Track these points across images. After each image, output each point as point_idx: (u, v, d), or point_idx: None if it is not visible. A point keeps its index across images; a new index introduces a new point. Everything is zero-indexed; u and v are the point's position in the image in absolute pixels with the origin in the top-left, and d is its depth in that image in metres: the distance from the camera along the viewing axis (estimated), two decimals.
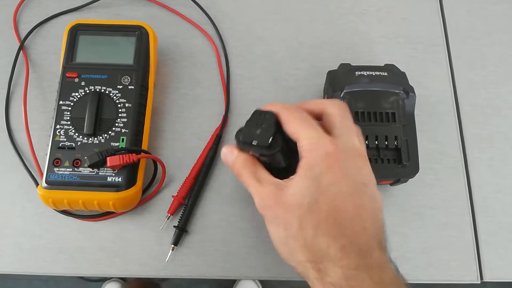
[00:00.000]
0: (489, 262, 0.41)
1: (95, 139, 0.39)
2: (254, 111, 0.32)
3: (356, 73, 0.40)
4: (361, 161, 0.29)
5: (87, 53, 0.43)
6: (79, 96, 0.41)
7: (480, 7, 0.51)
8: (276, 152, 0.30)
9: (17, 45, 0.48)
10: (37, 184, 0.42)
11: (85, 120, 0.39)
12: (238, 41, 0.49)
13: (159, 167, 0.42)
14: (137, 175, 0.40)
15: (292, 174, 0.29)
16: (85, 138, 0.39)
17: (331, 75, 0.42)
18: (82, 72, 0.41)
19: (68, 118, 0.40)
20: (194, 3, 0.50)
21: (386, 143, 0.37)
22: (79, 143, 0.39)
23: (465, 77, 0.48)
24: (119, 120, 0.40)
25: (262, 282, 1.17)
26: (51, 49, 0.48)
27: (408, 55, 0.48)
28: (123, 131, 0.40)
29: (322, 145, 0.28)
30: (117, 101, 0.40)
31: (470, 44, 0.49)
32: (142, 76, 0.42)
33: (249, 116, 0.32)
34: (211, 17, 0.50)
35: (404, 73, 0.41)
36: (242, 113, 0.46)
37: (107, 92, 0.41)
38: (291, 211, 0.28)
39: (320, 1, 0.51)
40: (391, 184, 0.40)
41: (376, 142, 0.37)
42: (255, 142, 0.30)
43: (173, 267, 0.41)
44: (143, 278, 0.93)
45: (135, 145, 0.40)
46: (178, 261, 0.41)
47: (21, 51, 0.47)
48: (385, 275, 0.27)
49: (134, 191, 0.39)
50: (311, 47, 0.49)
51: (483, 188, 0.44)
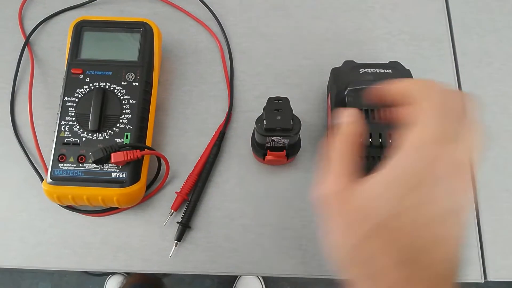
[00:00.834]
0: (493, 261, 0.41)
1: (100, 135, 0.39)
2: (269, 99, 0.37)
3: (361, 70, 0.40)
4: (462, 182, 0.23)
5: (91, 49, 0.43)
6: (83, 92, 0.41)
7: (486, 4, 0.51)
8: (297, 133, 0.37)
9: (22, 41, 0.48)
10: (42, 179, 0.42)
11: (89, 116, 0.39)
12: (242, 38, 0.49)
13: (162, 163, 0.42)
14: (141, 171, 0.40)
15: None
16: (90, 134, 0.39)
17: (335, 72, 0.42)
18: (86, 69, 0.42)
19: (73, 114, 0.40)
20: (199, 0, 0.50)
21: (390, 141, 0.36)
22: (83, 139, 0.39)
23: (470, 74, 0.48)
24: (123, 116, 0.40)
25: (264, 277, 1.18)
26: (56, 45, 0.48)
27: (413, 52, 0.48)
28: (127, 128, 0.40)
29: (434, 149, 0.22)
30: (121, 98, 0.41)
31: (476, 41, 0.49)
32: (147, 73, 0.42)
33: (265, 104, 0.37)
34: (215, 13, 0.50)
35: (408, 71, 0.41)
36: (246, 110, 0.46)
37: (111, 88, 0.41)
38: (368, 218, 0.23)
39: None
40: None
41: (380, 140, 0.36)
42: (278, 127, 0.36)
43: (176, 263, 0.41)
44: (147, 273, 0.93)
45: (139, 142, 0.40)
46: (181, 256, 0.41)
47: (26, 47, 0.48)
48: None
49: (138, 187, 0.39)
50: (314, 44, 0.49)
51: (487, 187, 0.44)
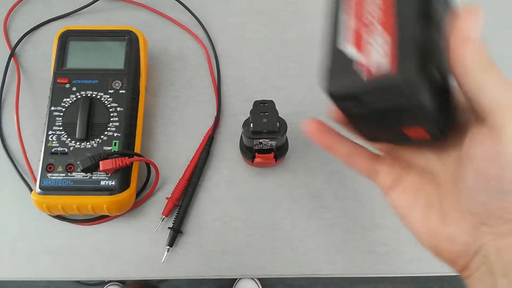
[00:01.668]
0: None
1: (88, 143, 0.40)
2: (254, 102, 0.37)
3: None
4: None
5: (77, 58, 0.43)
6: (70, 102, 0.41)
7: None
8: (284, 134, 0.37)
9: (8, 52, 0.48)
10: (31, 190, 0.42)
11: (77, 125, 0.40)
12: (227, 43, 0.50)
13: (152, 169, 0.43)
14: (131, 178, 0.40)
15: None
16: (78, 143, 0.40)
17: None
18: (73, 78, 0.42)
19: (60, 123, 0.40)
20: (183, 6, 0.51)
21: None
22: (71, 148, 0.39)
23: None
24: (111, 124, 0.40)
25: (261, 280, 1.18)
26: (42, 55, 0.49)
27: None
28: (115, 135, 0.40)
29: None
30: (108, 106, 0.41)
31: None
32: (133, 80, 0.42)
33: (251, 108, 0.37)
34: (200, 20, 0.50)
35: None
36: (234, 114, 0.46)
37: (98, 96, 0.41)
38: None
39: (307, 2, 0.51)
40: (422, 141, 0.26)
41: None
42: (265, 130, 0.36)
43: (169, 268, 0.41)
44: (141, 280, 0.93)
45: (127, 149, 0.40)
46: (173, 262, 0.41)
47: (12, 58, 0.48)
48: None
49: (127, 194, 0.39)
50: (299, 47, 0.49)
51: None
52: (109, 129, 0.40)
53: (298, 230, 0.42)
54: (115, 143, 0.40)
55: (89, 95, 0.41)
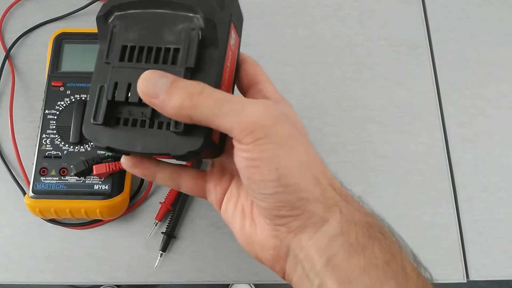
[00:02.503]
0: (474, 261, 0.42)
1: (81, 147, 0.39)
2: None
3: None
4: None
5: (72, 61, 0.43)
6: (64, 105, 0.41)
7: (462, 9, 0.52)
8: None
9: (2, 54, 0.48)
10: (24, 193, 0.42)
11: (71, 129, 0.39)
12: None
13: None
14: (124, 182, 0.40)
15: None
16: (71, 147, 0.39)
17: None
18: (67, 81, 0.42)
19: (54, 127, 0.40)
20: None
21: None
22: (65, 151, 0.39)
23: (448, 78, 0.49)
24: None
25: (256, 285, 1.17)
26: (36, 58, 0.48)
27: (391, 57, 0.49)
28: None
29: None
30: None
31: (453, 46, 0.50)
32: None
33: None
34: None
35: None
36: None
37: None
38: (302, 133, 0.24)
39: (302, 6, 0.51)
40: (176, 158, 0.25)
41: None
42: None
43: (162, 273, 0.41)
44: (134, 285, 0.93)
45: None
46: (167, 267, 0.41)
47: (6, 61, 0.47)
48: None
49: (121, 199, 0.39)
50: (294, 52, 0.49)
51: (467, 188, 0.44)
52: None
53: None
54: None
55: (83, 98, 0.41)
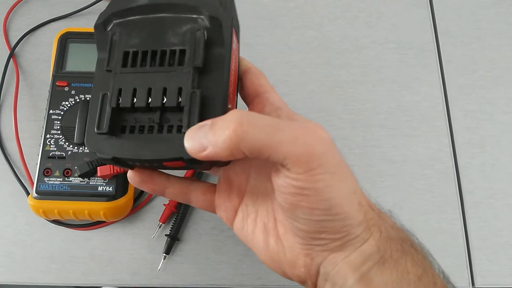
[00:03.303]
0: (480, 268, 0.42)
1: (86, 148, 0.39)
2: None
3: None
4: None
5: (77, 61, 0.42)
6: (69, 105, 0.40)
7: (471, 12, 0.51)
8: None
9: (7, 53, 0.47)
10: (27, 193, 0.42)
11: (75, 129, 0.39)
12: None
13: None
14: (128, 184, 0.40)
15: None
16: (76, 148, 0.39)
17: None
18: (72, 81, 0.41)
19: (58, 127, 0.40)
20: None
21: (165, 99, 0.22)
22: (69, 152, 0.39)
23: (456, 82, 0.48)
24: None
25: None
26: (41, 56, 0.48)
27: (399, 60, 0.49)
28: None
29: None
30: None
31: (461, 49, 0.50)
32: None
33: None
34: None
35: None
36: None
37: None
38: (340, 153, 0.22)
39: (310, 7, 0.51)
40: (187, 168, 0.25)
41: (149, 100, 0.22)
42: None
43: (165, 276, 0.41)
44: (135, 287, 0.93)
45: None
46: (170, 269, 0.41)
47: (11, 59, 0.47)
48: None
49: (125, 200, 0.39)
50: (301, 53, 0.49)
51: (474, 194, 0.44)
52: None
53: None
54: None
55: (88, 99, 0.40)
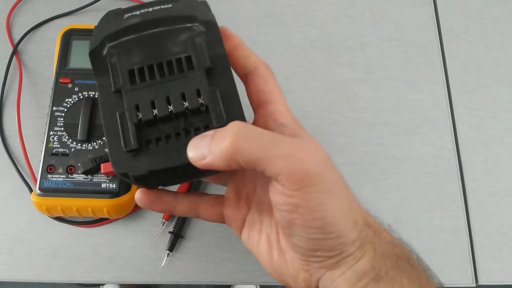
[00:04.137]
0: (484, 265, 0.42)
1: (89, 145, 0.39)
2: None
3: (126, 15, 0.26)
4: None
5: (80, 58, 0.42)
6: (72, 102, 0.40)
7: (474, 10, 0.51)
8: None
9: (10, 50, 0.47)
10: (31, 190, 0.42)
11: (78, 126, 0.39)
12: None
13: None
14: None
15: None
16: (79, 145, 0.39)
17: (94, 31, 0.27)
18: (75, 78, 0.41)
19: (62, 124, 0.40)
20: None
21: (186, 103, 0.23)
22: (72, 149, 0.39)
23: (459, 79, 0.48)
24: None
25: (262, 287, 1.17)
26: (44, 53, 0.48)
27: (403, 58, 0.48)
28: None
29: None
30: None
31: (465, 47, 0.50)
32: None
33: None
34: None
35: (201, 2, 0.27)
36: None
37: None
38: (337, 169, 0.22)
39: (314, 5, 0.51)
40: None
41: (171, 108, 0.23)
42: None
43: (169, 273, 0.41)
44: (136, 284, 0.93)
45: None
46: (173, 267, 0.41)
47: (14, 56, 0.47)
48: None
49: (128, 197, 0.39)
50: (305, 51, 0.49)
51: (477, 191, 0.44)
52: None
53: None
54: None
55: (91, 95, 0.40)
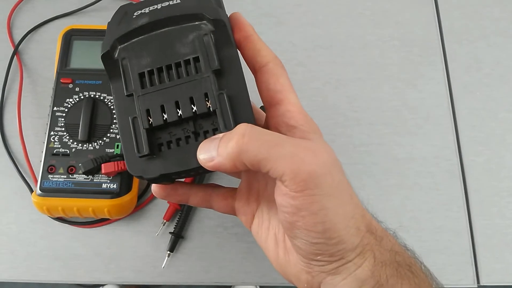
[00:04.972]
0: (485, 266, 0.41)
1: (90, 145, 0.39)
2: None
3: (136, 13, 0.25)
4: None
5: (81, 58, 0.42)
6: (73, 102, 0.40)
7: (475, 10, 0.51)
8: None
9: (11, 50, 0.47)
10: (31, 190, 0.42)
11: (79, 127, 0.39)
12: None
13: None
14: (133, 181, 0.40)
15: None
16: (80, 145, 0.39)
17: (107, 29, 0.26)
18: (76, 78, 0.41)
19: (62, 124, 0.40)
20: None
21: (194, 108, 0.23)
22: (73, 149, 0.39)
23: (460, 79, 0.48)
24: (113, 126, 0.40)
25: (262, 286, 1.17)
26: (45, 53, 0.48)
27: (404, 58, 0.48)
28: (117, 137, 0.39)
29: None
30: (111, 107, 0.40)
31: (466, 47, 0.49)
32: None
33: None
34: None
35: None
36: None
37: (101, 98, 0.40)
38: (343, 173, 0.22)
39: (315, 5, 0.51)
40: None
41: (179, 112, 0.23)
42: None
43: (169, 274, 0.40)
44: (136, 285, 0.93)
45: None
46: (174, 267, 0.41)
47: (15, 56, 0.47)
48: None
49: (129, 198, 0.39)
50: (306, 51, 0.49)
51: (479, 191, 0.44)
52: (111, 131, 0.39)
53: None
54: (117, 145, 0.39)
55: (92, 96, 0.40)
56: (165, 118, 0.22)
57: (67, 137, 0.39)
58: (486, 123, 0.46)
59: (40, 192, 0.38)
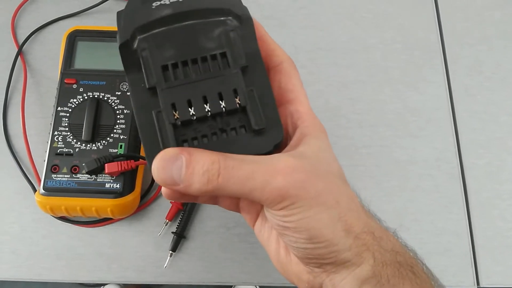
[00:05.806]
0: (485, 268, 0.42)
1: (93, 145, 0.39)
2: None
3: (154, 4, 0.23)
4: None
5: (85, 59, 0.43)
6: (77, 103, 0.41)
7: (477, 13, 0.51)
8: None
9: (15, 50, 0.48)
10: (34, 190, 0.42)
11: (83, 127, 0.39)
12: None
13: None
14: (136, 181, 0.40)
15: None
16: (83, 145, 0.39)
17: (119, 17, 0.25)
18: (80, 78, 0.41)
19: (66, 124, 0.40)
20: None
21: (223, 103, 0.22)
22: (77, 149, 0.39)
23: (461, 82, 0.48)
24: (117, 126, 0.40)
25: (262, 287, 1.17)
26: (49, 54, 0.48)
27: (406, 61, 0.49)
28: (121, 138, 0.40)
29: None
30: (115, 107, 0.40)
31: (467, 50, 0.50)
32: None
33: None
34: None
35: None
36: None
37: (105, 98, 0.41)
38: (333, 180, 0.22)
39: (317, 7, 0.51)
40: None
41: (208, 107, 0.22)
42: None
43: (171, 273, 0.41)
44: (137, 284, 0.93)
45: (133, 151, 0.40)
46: (176, 267, 0.41)
47: (19, 57, 0.47)
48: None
49: (132, 198, 0.39)
50: (308, 53, 0.49)
51: (479, 194, 0.44)
52: (115, 131, 0.40)
53: None
54: (121, 145, 0.39)
55: (96, 96, 0.41)
56: (192, 113, 0.22)
57: (71, 137, 0.39)
58: (487, 126, 0.47)
59: (44, 191, 0.38)
